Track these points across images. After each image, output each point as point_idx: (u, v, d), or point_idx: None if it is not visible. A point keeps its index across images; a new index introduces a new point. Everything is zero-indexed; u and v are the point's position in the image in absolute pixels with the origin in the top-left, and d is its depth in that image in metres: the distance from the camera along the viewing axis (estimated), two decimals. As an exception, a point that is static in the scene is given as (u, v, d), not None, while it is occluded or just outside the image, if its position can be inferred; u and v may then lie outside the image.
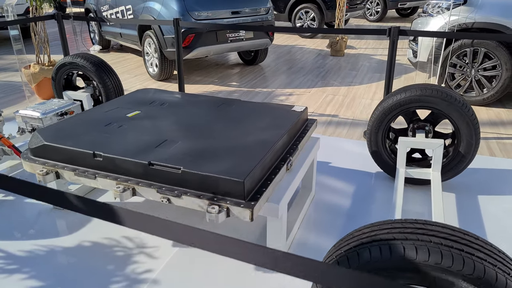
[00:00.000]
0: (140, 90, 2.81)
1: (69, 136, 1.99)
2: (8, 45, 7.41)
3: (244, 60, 6.00)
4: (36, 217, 2.25)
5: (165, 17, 4.55)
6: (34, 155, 1.98)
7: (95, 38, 7.01)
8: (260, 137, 1.96)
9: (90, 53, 3.40)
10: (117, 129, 2.08)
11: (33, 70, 4.11)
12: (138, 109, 2.40)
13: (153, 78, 5.16)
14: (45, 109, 2.95)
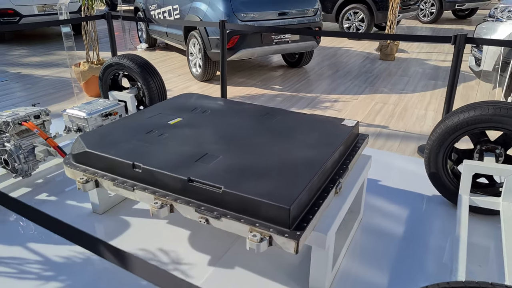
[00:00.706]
0: (183, 94, 2.75)
1: (111, 143, 1.94)
2: (61, 41, 7.73)
3: (288, 63, 5.84)
4: (74, 219, 2.23)
5: (211, 18, 4.49)
6: (75, 161, 1.95)
7: (143, 36, 7.13)
8: (307, 154, 1.80)
9: (136, 54, 3.40)
10: (158, 137, 2.01)
11: (83, 68, 4.20)
12: (180, 116, 2.33)
13: (196, 79, 5.13)
14: (90, 109, 2.97)
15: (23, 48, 7.01)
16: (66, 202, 2.41)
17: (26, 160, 2.37)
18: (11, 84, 4.84)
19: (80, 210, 2.33)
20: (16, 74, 5.29)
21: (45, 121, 2.68)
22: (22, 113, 2.56)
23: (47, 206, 2.34)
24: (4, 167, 2.42)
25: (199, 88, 4.79)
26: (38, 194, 2.49)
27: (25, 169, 2.38)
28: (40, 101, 4.24)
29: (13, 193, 2.50)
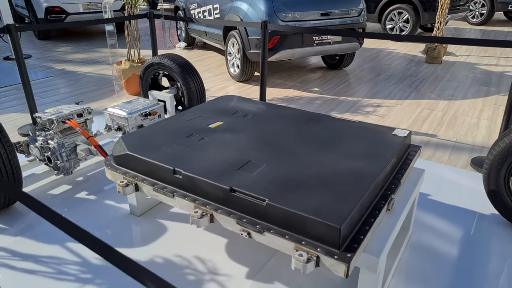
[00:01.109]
0: (223, 97, 2.68)
1: (151, 146, 1.90)
2: (103, 39, 7.94)
3: (328, 64, 5.67)
4: (111, 220, 2.22)
5: (251, 18, 4.41)
6: (116, 163, 1.92)
7: (182, 35, 7.18)
8: (357, 167, 1.68)
9: (177, 54, 3.38)
10: (199, 142, 1.95)
11: (124, 66, 4.25)
12: (220, 119, 2.26)
13: (233, 79, 5.08)
14: (131, 108, 2.98)
15: (68, 45, 7.26)
16: (104, 202, 2.41)
17: (68, 158, 2.39)
18: (56, 80, 5.00)
19: (118, 211, 2.32)
20: (61, 71, 5.46)
21: (87, 119, 2.70)
22: (66, 111, 2.59)
23: (86, 205, 2.35)
24: (47, 164, 2.45)
25: (236, 88, 4.73)
26: (78, 192, 2.51)
27: (67, 167, 2.40)
28: (82, 98, 4.34)
29: (54, 190, 2.53)
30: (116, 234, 2.10)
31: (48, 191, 2.53)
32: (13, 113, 3.86)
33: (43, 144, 2.39)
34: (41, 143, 2.39)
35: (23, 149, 2.51)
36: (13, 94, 4.46)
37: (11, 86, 4.72)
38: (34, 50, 6.84)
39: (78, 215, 2.27)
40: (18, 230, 2.13)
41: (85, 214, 2.28)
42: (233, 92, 4.62)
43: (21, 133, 3.35)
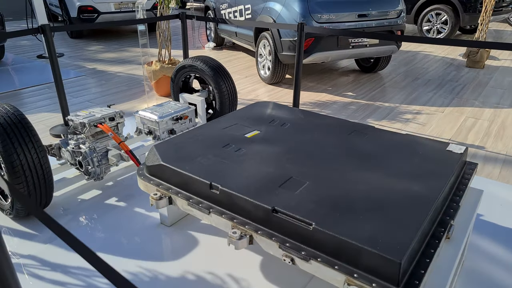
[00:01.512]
0: (258, 103, 2.56)
1: (186, 157, 1.80)
2: (133, 38, 7.98)
3: (361, 67, 5.45)
4: (141, 230, 2.14)
5: (285, 19, 4.27)
6: (149, 173, 1.84)
7: (211, 35, 7.12)
8: (412, 188, 1.51)
9: (209, 57, 3.28)
10: (236, 153, 1.84)
11: (154, 67, 4.20)
12: (257, 128, 2.14)
13: (263, 81, 4.96)
14: (162, 112, 2.90)
15: (100, 44, 7.34)
16: (134, 209, 2.34)
17: (99, 163, 2.32)
18: (87, 80, 5.03)
19: (148, 219, 2.24)
20: (92, 70, 5.50)
21: (119, 123, 2.64)
22: (98, 114, 2.53)
23: (115, 212, 2.28)
24: (78, 168, 2.40)
25: (266, 91, 4.61)
26: (108, 198, 2.45)
27: (97, 172, 2.34)
28: (112, 98, 4.32)
29: (84, 194, 2.48)
30: (145, 245, 2.02)
31: (78, 195, 2.48)
32: (45, 113, 3.88)
33: (75, 148, 2.34)
34: (72, 147, 2.34)
35: (55, 152, 2.48)
36: (45, 93, 4.50)
37: (43, 85, 4.77)
38: (67, 48, 6.94)
39: (107, 222, 2.21)
40: (48, 237, 2.08)
41: (114, 222, 2.21)
42: (263, 95, 4.49)
43: (52, 134, 3.35)
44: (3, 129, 1.93)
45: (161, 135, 2.88)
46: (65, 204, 2.40)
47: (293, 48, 4.31)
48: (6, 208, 2.16)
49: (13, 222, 2.19)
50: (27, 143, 1.98)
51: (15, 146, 1.94)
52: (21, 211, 2.10)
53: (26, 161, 1.97)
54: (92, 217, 2.26)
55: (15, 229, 2.13)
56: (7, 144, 1.92)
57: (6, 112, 2.01)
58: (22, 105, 4.10)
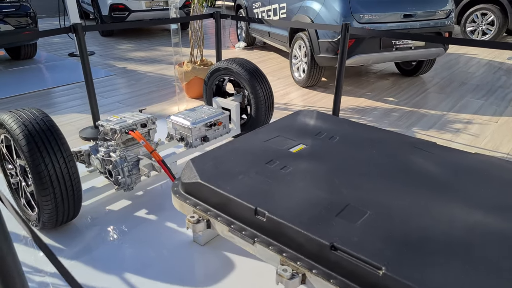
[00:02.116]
0: (301, 112, 2.34)
1: (227, 175, 1.61)
2: (163, 37, 7.91)
3: (401, 70, 5.13)
4: (173, 249, 1.97)
5: (324, 19, 4.03)
6: (185, 191, 1.66)
7: (242, 34, 6.94)
8: (502, 225, 1.26)
9: (245, 59, 3.09)
10: (281, 171, 1.63)
11: (186, 68, 4.05)
12: (302, 142, 1.93)
13: (297, 84, 4.73)
14: (195, 117, 2.73)
15: (130, 42, 7.30)
16: (165, 223, 2.17)
17: (130, 173, 2.17)
18: (117, 80, 4.95)
19: (179, 237, 2.07)
20: (122, 69, 5.42)
21: (151, 129, 2.49)
22: (129, 120, 2.39)
23: (145, 226, 2.13)
24: (108, 177, 2.26)
25: (300, 95, 4.38)
26: (138, 210, 2.29)
27: (127, 182, 2.19)
28: (142, 100, 4.21)
29: (113, 205, 2.34)
30: (176, 265, 1.85)
31: (107, 205, 2.34)
32: (75, 114, 3.80)
33: (105, 156, 2.19)
34: (102, 155, 2.20)
35: (84, 159, 2.35)
36: (76, 92, 4.44)
37: (74, 84, 4.72)
38: (97, 47, 6.93)
39: (136, 237, 2.05)
40: (75, 252, 1.94)
41: (143, 237, 2.05)
42: (297, 99, 4.27)
43: (82, 137, 3.25)
44: (31, 136, 1.81)
45: (194, 142, 2.71)
46: (93, 213, 2.27)
47: (331, 50, 4.06)
48: (33, 219, 2.04)
49: (40, 234, 2.06)
50: (56, 152, 1.84)
51: (43, 155, 1.80)
52: (47, 224, 1.97)
53: (54, 172, 1.83)
54: (121, 230, 2.11)
55: (41, 242, 2.01)
56: (34, 153, 1.79)
57: (34, 118, 1.88)
58: (53, 105, 4.05)
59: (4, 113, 1.93)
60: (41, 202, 1.85)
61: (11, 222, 2.15)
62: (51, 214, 1.91)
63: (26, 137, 1.79)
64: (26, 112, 1.92)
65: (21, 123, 1.84)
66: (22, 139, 1.79)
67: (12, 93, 4.33)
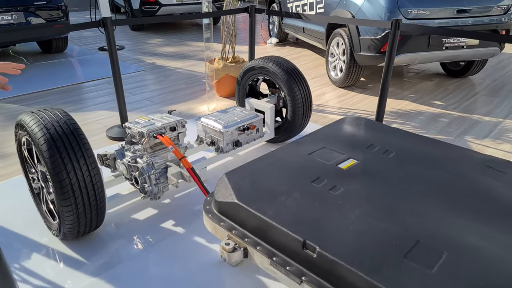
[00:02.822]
0: (346, 119, 2.09)
1: (268, 195, 1.39)
2: (192, 32, 7.76)
3: (448, 70, 4.74)
4: (201, 268, 1.77)
5: (367, 14, 3.72)
6: (220, 211, 1.45)
7: (273, 30, 6.69)
8: None
9: (282, 58, 2.85)
10: (331, 192, 1.39)
11: (217, 65, 3.86)
12: (351, 156, 1.68)
13: (333, 83, 4.44)
14: (227, 120, 2.53)
15: (159, 37, 7.20)
16: (194, 238, 1.98)
17: (157, 182, 1.99)
18: (146, 76, 4.82)
19: (208, 254, 1.87)
20: (151, 65, 5.30)
21: (180, 133, 2.30)
22: (158, 123, 2.21)
23: (171, 240, 1.94)
24: (133, 184, 2.10)
25: (337, 96, 4.10)
26: (164, 221, 2.12)
27: (154, 191, 2.01)
28: (171, 97, 4.05)
29: (138, 213, 2.18)
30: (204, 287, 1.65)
31: (132, 213, 2.18)
32: (103, 111, 3.69)
33: (131, 162, 2.02)
34: (129, 160, 2.03)
35: (109, 163, 2.19)
36: (104, 88, 4.34)
37: (103, 80, 4.63)
38: (127, 41, 6.86)
39: (161, 251, 1.87)
40: (97, 267, 1.78)
41: (169, 252, 1.87)
42: (334, 100, 3.99)
43: (109, 136, 3.12)
44: (52, 141, 1.65)
45: (225, 147, 2.51)
46: (117, 221, 2.11)
47: (373, 48, 3.75)
48: (54, 227, 1.90)
49: (61, 244, 1.92)
50: (79, 159, 1.68)
51: (65, 161, 1.64)
52: (69, 235, 1.82)
53: (77, 180, 1.67)
54: (146, 243, 1.94)
55: (60, 253, 1.86)
56: (56, 159, 1.63)
57: (57, 120, 1.72)
58: (80, 101, 3.95)
59: (26, 114, 1.78)
60: (62, 212, 1.70)
61: (31, 231, 2.02)
62: (73, 226, 1.76)
63: (47, 142, 1.64)
64: (49, 113, 1.77)
65: (43, 126, 1.68)
66: (43, 143, 1.64)
67: (41, 88, 4.27)
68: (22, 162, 2.04)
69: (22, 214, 2.14)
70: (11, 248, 1.89)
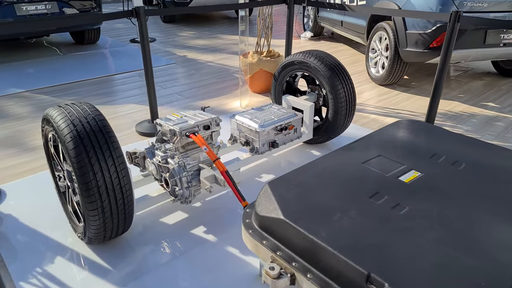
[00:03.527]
0: (402, 123, 1.85)
1: (319, 211, 1.19)
2: (225, 24, 7.60)
3: (500, 69, 4.35)
4: (233, 282, 1.60)
5: (415, 6, 3.42)
6: (262, 226, 1.26)
7: (308, 23, 6.42)
8: None
9: (325, 52, 2.63)
10: (394, 212, 1.18)
11: (251, 59, 3.67)
12: (413, 166, 1.45)
13: (373, 81, 4.16)
14: (263, 119, 2.34)
15: (191, 30, 7.08)
16: (227, 248, 1.81)
17: (189, 185, 1.83)
18: (177, 69, 4.70)
19: (244, 268, 1.69)
20: (183, 58, 5.18)
21: (214, 131, 2.13)
22: (191, 121, 2.05)
23: (202, 249, 1.78)
24: (163, 186, 1.95)
25: (377, 95, 3.82)
26: (195, 227, 1.96)
27: (185, 195, 1.85)
28: (202, 92, 3.90)
29: (167, 217, 2.03)
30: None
31: (161, 216, 2.04)
32: (133, 104, 3.58)
33: (162, 162, 1.87)
34: (159, 160, 1.88)
35: (139, 161, 2.05)
36: (135, 80, 4.25)
37: (134, 72, 4.54)
38: (159, 33, 6.79)
39: (193, 262, 1.71)
40: (123, 276, 1.64)
41: (201, 263, 1.70)
42: (374, 99, 3.72)
43: (139, 131, 3.00)
44: (80, 139, 1.51)
45: (260, 148, 2.32)
46: (145, 223, 1.97)
47: (421, 43, 3.45)
48: (79, 230, 1.78)
49: (86, 248, 1.80)
50: (107, 159, 1.54)
51: (92, 162, 1.50)
52: (94, 240, 1.69)
53: (104, 182, 1.53)
54: (175, 251, 1.79)
55: (85, 257, 1.74)
56: (82, 159, 1.49)
57: (85, 116, 1.59)
58: (111, 93, 3.87)
59: (53, 108, 1.66)
60: (87, 216, 1.56)
61: (56, 232, 1.91)
62: (98, 231, 1.62)
63: (74, 139, 1.50)
64: (77, 107, 1.63)
65: (70, 122, 1.55)
66: (70, 141, 1.50)
67: (72, 79, 4.23)
68: (49, 158, 1.93)
69: (48, 213, 2.04)
70: (35, 251, 1.79)
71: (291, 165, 2.57)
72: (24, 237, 1.87)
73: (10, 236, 1.87)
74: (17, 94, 3.81)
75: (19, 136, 2.93)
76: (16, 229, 1.92)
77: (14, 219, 2.00)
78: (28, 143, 2.83)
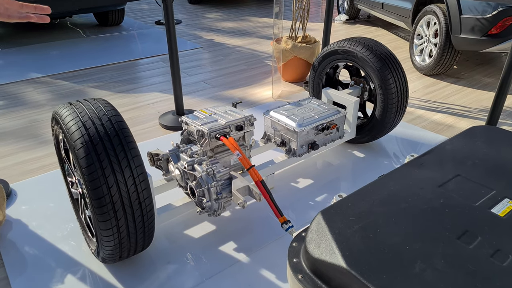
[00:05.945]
0: (478, 131, 1.51)
1: (392, 260, 0.90)
2: (254, 6, 7.22)
3: None
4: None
5: (476, -14, 2.99)
6: (315, 272, 0.99)
7: (343, 5, 5.97)
8: None
9: (376, 41, 2.28)
10: (493, 262, 0.88)
11: (285, 46, 3.34)
12: (505, 193, 1.13)
13: (418, 71, 3.76)
14: (302, 116, 2.04)
15: (218, 11, 6.75)
16: (260, 271, 1.56)
17: (218, 197, 1.57)
18: (203, 54, 4.42)
19: (282, 299, 1.44)
20: (209, 41, 4.89)
21: (247, 132, 1.85)
22: (221, 119, 1.77)
23: (234, 271, 1.51)
24: (188, 194, 1.70)
25: (423, 86, 3.44)
26: (223, 243, 1.71)
27: (214, 207, 1.60)
28: (230, 80, 3.61)
29: (192, 228, 1.79)
30: None
31: (185, 228, 1.80)
32: (156, 92, 3.35)
33: (187, 168, 1.62)
34: (184, 165, 1.63)
35: (162, 164, 1.81)
36: (159, 66, 4.00)
37: (158, 57, 4.29)
38: (185, 15, 6.50)
39: (218, 284, 1.47)
40: (141, 302, 1.43)
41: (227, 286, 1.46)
42: (419, 92, 3.34)
43: (162, 124, 2.76)
44: (92, 146, 1.27)
45: (298, 150, 2.04)
46: (167, 235, 1.75)
47: (479, 30, 3.03)
48: (93, 246, 1.56)
49: (101, 265, 1.59)
50: (124, 170, 1.29)
51: (106, 173, 1.26)
52: (108, 260, 1.47)
53: (120, 197, 1.29)
54: (201, 271, 1.55)
55: (99, 277, 1.52)
56: (95, 170, 1.25)
57: (99, 117, 1.34)
58: (134, 80, 3.64)
59: (62, 106, 1.42)
60: (100, 235, 1.33)
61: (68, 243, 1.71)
62: (113, 252, 1.39)
63: (85, 146, 1.26)
64: (90, 106, 1.39)
65: (81, 124, 1.30)
66: (80, 148, 1.26)
67: (95, 64, 4.03)
68: (60, 161, 1.71)
69: (61, 221, 1.84)
70: (43, 266, 1.59)
71: (329, 167, 2.28)
72: (32, 248, 1.67)
73: (17, 247, 1.68)
74: (37, 79, 3.64)
75: (35, 127, 2.74)
76: (24, 237, 1.73)
77: (23, 226, 1.80)
78: (43, 135, 2.64)
